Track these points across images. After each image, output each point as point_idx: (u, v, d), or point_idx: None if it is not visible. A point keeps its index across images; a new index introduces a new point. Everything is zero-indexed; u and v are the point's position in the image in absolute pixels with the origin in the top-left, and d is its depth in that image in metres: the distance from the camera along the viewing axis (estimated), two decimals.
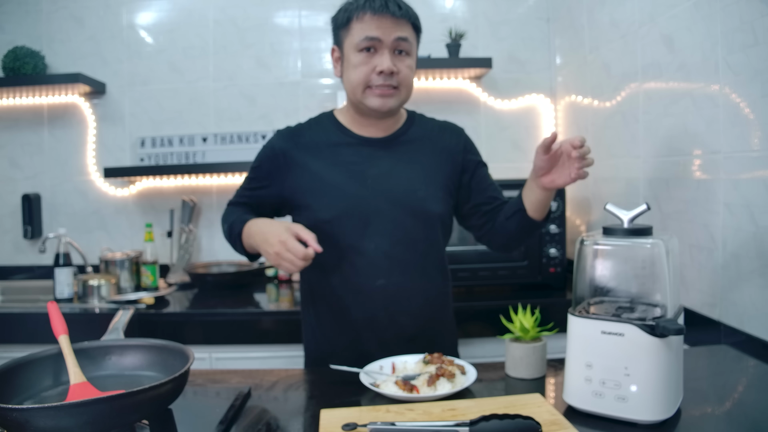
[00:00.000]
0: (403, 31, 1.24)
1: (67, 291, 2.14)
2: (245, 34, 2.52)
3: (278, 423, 0.98)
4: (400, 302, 1.29)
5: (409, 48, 1.26)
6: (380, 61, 1.23)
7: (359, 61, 1.24)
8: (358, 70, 1.24)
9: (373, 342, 1.29)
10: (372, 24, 1.21)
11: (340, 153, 1.31)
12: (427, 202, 1.30)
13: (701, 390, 1.04)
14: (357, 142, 1.32)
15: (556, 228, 2.05)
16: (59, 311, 0.96)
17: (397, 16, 1.22)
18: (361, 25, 1.22)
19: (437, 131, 1.39)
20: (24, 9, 2.50)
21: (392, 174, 1.30)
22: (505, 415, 0.84)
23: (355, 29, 1.23)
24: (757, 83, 1.24)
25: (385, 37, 1.22)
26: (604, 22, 1.97)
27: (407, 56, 1.26)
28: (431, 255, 1.33)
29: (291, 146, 1.33)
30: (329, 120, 1.37)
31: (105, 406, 0.71)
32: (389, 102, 1.26)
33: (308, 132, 1.35)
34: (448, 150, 1.36)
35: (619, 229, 0.96)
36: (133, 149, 2.53)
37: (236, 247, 1.33)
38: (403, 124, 1.37)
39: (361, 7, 1.22)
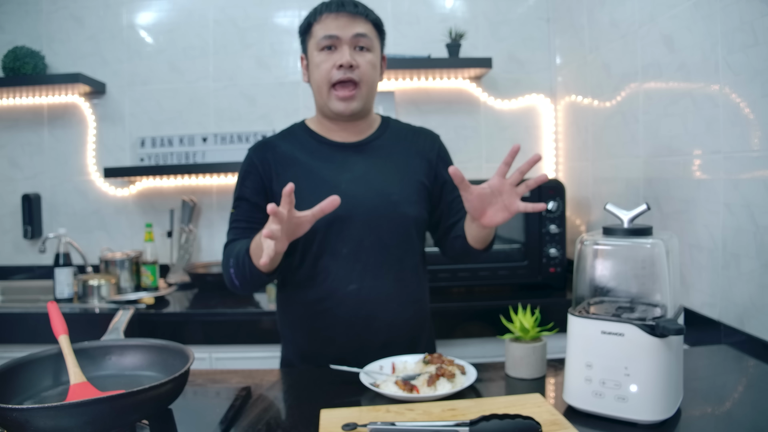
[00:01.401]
0: (361, 28, 1.27)
1: (67, 291, 2.14)
2: (245, 34, 2.52)
3: (278, 423, 0.98)
4: (373, 307, 1.28)
5: (368, 44, 1.28)
6: (339, 56, 1.25)
7: (321, 59, 1.27)
8: (320, 69, 1.27)
9: (347, 346, 1.29)
10: (330, 23, 1.26)
11: (314, 161, 1.31)
12: (400, 205, 1.30)
13: (701, 390, 1.03)
14: (330, 147, 1.33)
15: (556, 228, 2.05)
16: (59, 311, 0.97)
17: (353, 13, 1.26)
18: (320, 26, 1.27)
19: (411, 135, 1.40)
20: (24, 9, 2.50)
21: (365, 178, 1.30)
22: (505, 415, 0.84)
23: (316, 31, 1.28)
24: (757, 83, 1.24)
25: (342, 33, 1.25)
26: (604, 22, 1.97)
27: (367, 52, 1.28)
28: (406, 259, 1.32)
29: (267, 159, 1.32)
30: (301, 129, 1.38)
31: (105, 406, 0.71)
32: (352, 105, 1.27)
33: (281, 143, 1.35)
34: (422, 153, 1.37)
35: (619, 229, 0.96)
36: (133, 149, 2.53)
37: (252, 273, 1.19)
38: (377, 129, 1.38)
39: (319, 11, 1.28)
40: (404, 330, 1.33)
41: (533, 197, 2.03)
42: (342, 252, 1.27)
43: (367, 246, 1.27)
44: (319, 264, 1.27)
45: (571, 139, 2.37)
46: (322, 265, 1.27)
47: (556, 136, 2.52)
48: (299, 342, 1.34)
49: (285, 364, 1.40)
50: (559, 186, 2.05)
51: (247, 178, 1.33)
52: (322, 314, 1.29)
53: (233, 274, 1.23)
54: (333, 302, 1.28)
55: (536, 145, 2.53)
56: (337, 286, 1.27)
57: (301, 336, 1.34)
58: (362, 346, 1.27)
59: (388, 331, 1.30)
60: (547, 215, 2.05)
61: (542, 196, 2.04)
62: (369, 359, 1.19)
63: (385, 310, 1.29)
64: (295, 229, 1.06)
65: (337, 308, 1.28)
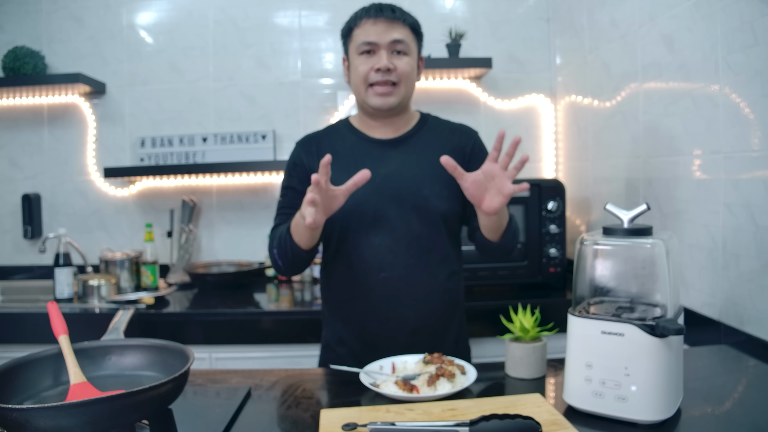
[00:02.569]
0: (398, 34, 1.34)
1: (67, 291, 2.14)
2: (245, 34, 2.52)
3: (278, 423, 0.98)
4: (401, 295, 1.35)
5: (405, 48, 1.35)
6: (378, 59, 1.33)
7: (360, 62, 1.35)
8: (359, 70, 1.35)
9: (377, 333, 1.36)
10: (369, 29, 1.33)
11: (353, 155, 1.38)
12: (430, 200, 1.35)
13: (701, 390, 1.03)
14: (369, 143, 1.41)
15: (556, 228, 2.05)
16: (59, 311, 0.97)
17: (390, 19, 1.33)
18: (360, 31, 1.35)
19: (448, 132, 1.46)
20: (24, 9, 2.50)
21: (400, 173, 1.37)
22: (505, 415, 0.84)
23: (356, 36, 1.36)
24: (757, 83, 1.24)
25: (380, 39, 1.33)
26: (604, 22, 1.97)
27: (405, 55, 1.35)
28: (435, 252, 1.37)
29: (311, 151, 1.41)
30: (345, 126, 1.46)
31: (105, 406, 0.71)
32: (389, 100, 1.35)
33: (326, 139, 1.44)
34: (458, 149, 1.41)
35: (619, 229, 0.96)
36: (133, 149, 2.53)
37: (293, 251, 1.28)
38: (415, 125, 1.45)
39: (359, 16, 1.36)
40: (432, 318, 1.38)
41: (533, 194, 2.03)
42: (374, 242, 1.34)
43: (398, 237, 1.34)
44: (353, 254, 1.36)
45: (571, 139, 2.37)
46: (356, 254, 1.35)
47: (556, 136, 2.52)
48: (337, 327, 1.42)
49: (324, 347, 1.47)
50: (559, 186, 2.05)
51: (294, 169, 1.42)
52: (354, 301, 1.37)
53: (276, 255, 1.32)
54: (365, 289, 1.35)
55: (536, 145, 2.53)
56: (369, 274, 1.35)
57: (337, 321, 1.42)
58: (392, 333, 1.35)
59: (416, 318, 1.36)
60: (547, 215, 2.05)
61: (542, 196, 2.04)
62: (398, 346, 1.29)
63: (413, 299, 1.35)
64: (331, 202, 1.16)
65: (368, 295, 1.35)
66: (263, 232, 2.51)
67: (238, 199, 2.55)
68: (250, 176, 2.49)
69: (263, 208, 2.53)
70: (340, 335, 1.41)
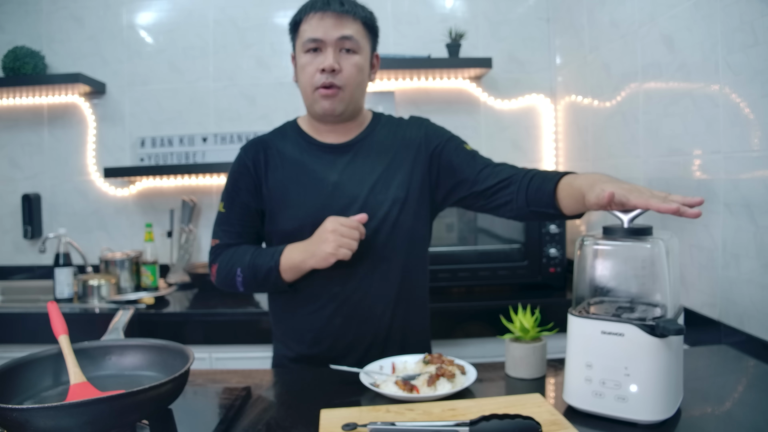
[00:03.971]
0: (347, 29, 1.22)
1: (67, 291, 2.14)
2: (245, 34, 2.52)
3: (278, 423, 0.98)
4: (357, 308, 1.27)
5: (354, 46, 1.23)
6: (322, 59, 1.22)
7: (306, 61, 1.24)
8: (305, 72, 1.25)
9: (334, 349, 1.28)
10: (316, 24, 1.22)
11: (304, 162, 1.29)
12: (385, 203, 1.27)
13: (701, 390, 1.03)
14: (319, 149, 1.31)
15: (556, 228, 2.05)
16: (59, 311, 0.96)
17: (339, 13, 1.21)
18: (306, 26, 1.24)
19: (397, 128, 1.35)
20: (24, 9, 2.50)
21: (352, 180, 1.27)
22: (505, 415, 0.84)
23: (302, 31, 1.25)
24: (757, 83, 1.24)
25: (327, 36, 1.22)
26: (604, 22, 1.97)
27: (354, 54, 1.24)
28: (393, 257, 1.28)
29: (258, 158, 1.31)
30: (293, 129, 1.36)
31: (105, 406, 0.71)
32: (335, 105, 1.24)
33: (273, 143, 1.34)
34: (410, 142, 1.32)
35: (619, 229, 0.96)
36: (133, 149, 2.53)
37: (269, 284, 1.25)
38: (366, 128, 1.35)
39: (306, 9, 1.24)
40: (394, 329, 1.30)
41: None
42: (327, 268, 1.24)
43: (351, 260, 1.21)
44: None
45: (571, 139, 2.37)
46: None
47: (556, 136, 2.52)
48: (291, 344, 1.33)
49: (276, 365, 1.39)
50: None
51: (240, 179, 1.32)
52: (311, 316, 1.28)
53: (240, 282, 1.26)
54: (319, 305, 1.28)
55: (536, 145, 2.53)
56: (324, 287, 1.27)
57: (292, 338, 1.33)
58: (349, 348, 1.28)
59: (372, 332, 1.29)
60: None
61: None
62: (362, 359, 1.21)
63: (369, 311, 1.28)
64: None
65: (322, 310, 1.27)
66: None
67: None
68: None
69: None
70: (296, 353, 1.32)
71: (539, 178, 1.19)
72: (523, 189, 1.20)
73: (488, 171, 1.26)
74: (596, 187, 0.98)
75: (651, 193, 0.94)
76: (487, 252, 2.08)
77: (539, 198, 1.18)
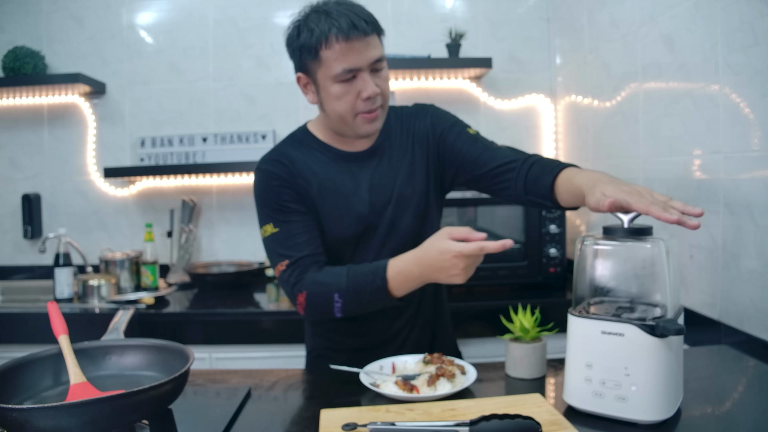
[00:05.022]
0: (377, 49, 1.18)
1: (67, 291, 2.14)
2: (245, 34, 2.52)
3: (278, 423, 0.98)
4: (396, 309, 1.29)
5: (383, 64, 1.21)
6: (363, 86, 1.17)
7: (341, 91, 1.17)
8: (343, 101, 1.18)
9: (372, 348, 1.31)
10: (345, 52, 1.14)
11: (333, 174, 1.28)
12: (413, 199, 1.30)
13: (701, 390, 1.04)
14: (344, 159, 1.29)
15: (556, 228, 2.05)
16: (59, 311, 0.97)
17: (368, 35, 1.15)
18: (333, 54, 1.14)
19: (409, 120, 1.35)
20: (24, 9, 2.50)
21: (382, 181, 1.29)
22: (505, 415, 0.84)
23: (328, 60, 1.15)
24: (757, 83, 1.24)
25: (361, 63, 1.16)
26: (604, 22, 1.97)
27: (383, 70, 1.22)
28: None
29: (290, 172, 1.26)
30: (310, 139, 1.31)
31: (105, 406, 0.71)
32: (377, 124, 1.24)
33: (297, 155, 1.28)
34: (422, 135, 1.33)
35: (619, 229, 0.96)
36: (133, 149, 2.53)
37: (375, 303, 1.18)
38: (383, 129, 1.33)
39: (326, 33, 1.13)
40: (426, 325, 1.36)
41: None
42: (368, 259, 1.28)
43: (390, 249, 1.28)
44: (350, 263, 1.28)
45: (571, 139, 2.37)
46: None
47: (556, 136, 2.52)
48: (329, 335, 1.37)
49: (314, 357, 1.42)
50: None
51: (283, 192, 1.24)
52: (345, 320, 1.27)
53: (338, 308, 1.17)
54: None
55: (536, 145, 2.53)
56: None
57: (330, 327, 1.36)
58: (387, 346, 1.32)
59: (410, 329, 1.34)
60: (547, 215, 2.05)
61: None
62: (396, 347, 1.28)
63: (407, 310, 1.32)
64: None
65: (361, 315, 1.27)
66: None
67: (238, 199, 2.55)
68: (250, 176, 2.48)
69: None
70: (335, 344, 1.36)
71: (538, 167, 1.20)
72: (522, 177, 1.21)
73: (489, 154, 1.27)
74: (596, 190, 0.98)
75: (652, 197, 0.94)
76: None
77: (537, 189, 1.19)
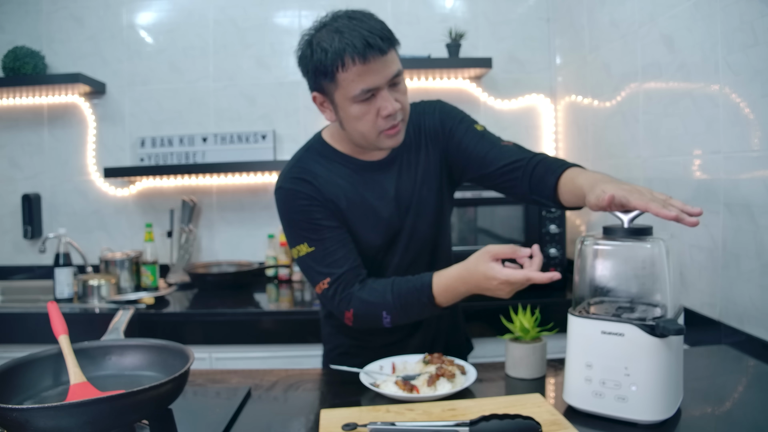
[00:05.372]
0: (394, 65, 1.14)
1: (67, 291, 2.14)
2: (245, 34, 2.52)
3: (278, 423, 0.98)
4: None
5: (401, 78, 1.17)
6: (383, 104, 1.13)
7: (360, 111, 1.14)
8: (364, 121, 1.15)
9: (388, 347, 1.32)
10: (362, 73, 1.09)
11: (358, 185, 1.27)
12: (430, 199, 1.32)
13: (701, 390, 1.03)
14: (367, 169, 1.28)
15: (556, 228, 2.05)
16: (59, 311, 0.96)
17: (385, 53, 1.10)
18: (350, 76, 1.10)
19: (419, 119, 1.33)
20: (24, 9, 2.50)
21: (402, 186, 1.30)
22: (505, 415, 0.84)
23: (345, 82, 1.11)
24: (757, 83, 1.24)
25: (381, 83, 1.12)
26: (604, 22, 1.97)
27: (401, 83, 1.18)
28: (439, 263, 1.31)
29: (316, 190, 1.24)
30: (329, 151, 1.29)
31: (105, 406, 0.71)
32: (400, 138, 1.21)
33: (320, 170, 1.26)
34: (433, 134, 1.32)
35: (619, 229, 0.96)
36: (133, 149, 2.53)
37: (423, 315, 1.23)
38: None
39: (341, 55, 1.08)
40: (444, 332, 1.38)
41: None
42: (389, 269, 1.30)
43: (410, 258, 1.31)
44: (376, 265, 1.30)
45: (571, 139, 2.37)
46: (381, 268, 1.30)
47: (556, 136, 2.52)
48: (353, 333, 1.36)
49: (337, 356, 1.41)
50: None
51: (314, 211, 1.22)
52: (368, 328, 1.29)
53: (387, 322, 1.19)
54: None
55: (536, 145, 2.53)
56: None
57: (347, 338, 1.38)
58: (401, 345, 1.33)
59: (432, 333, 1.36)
60: (547, 215, 2.05)
61: None
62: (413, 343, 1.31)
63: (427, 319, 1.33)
64: None
65: None
66: (263, 232, 2.51)
67: (238, 199, 2.55)
68: (250, 176, 2.49)
69: (263, 209, 2.53)
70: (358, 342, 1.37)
71: (543, 167, 1.20)
72: (527, 176, 1.21)
73: (495, 153, 1.27)
74: (596, 189, 0.99)
75: (652, 195, 0.94)
76: None
77: (541, 189, 1.20)
